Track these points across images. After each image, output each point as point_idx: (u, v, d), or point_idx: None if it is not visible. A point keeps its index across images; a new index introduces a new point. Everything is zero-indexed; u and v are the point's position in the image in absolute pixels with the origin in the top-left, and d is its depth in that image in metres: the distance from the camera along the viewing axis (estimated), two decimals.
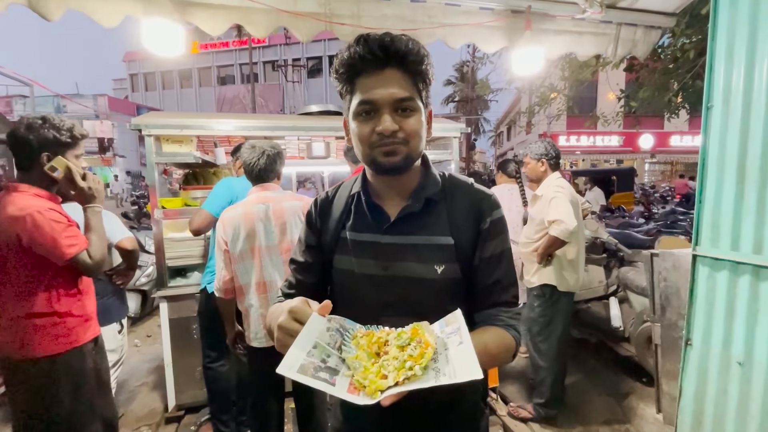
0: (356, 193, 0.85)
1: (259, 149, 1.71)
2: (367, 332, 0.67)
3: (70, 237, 1.34)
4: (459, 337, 0.62)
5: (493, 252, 0.80)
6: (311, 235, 0.89)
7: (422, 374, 0.58)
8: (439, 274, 0.78)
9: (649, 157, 20.76)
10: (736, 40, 1.51)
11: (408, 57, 0.72)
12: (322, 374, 0.59)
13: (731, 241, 1.53)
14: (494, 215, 0.81)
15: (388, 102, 0.72)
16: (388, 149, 0.73)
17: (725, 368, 1.57)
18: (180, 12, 1.63)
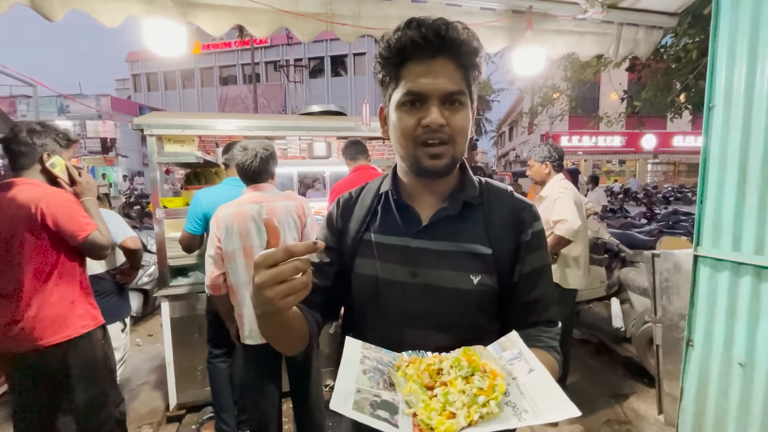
0: (384, 192, 0.79)
1: (251, 150, 1.72)
2: (411, 359, 0.60)
3: (85, 217, 1.51)
4: (526, 364, 0.55)
5: (534, 267, 0.74)
6: (330, 236, 0.83)
7: (499, 411, 0.50)
8: (474, 285, 0.71)
9: (652, 157, 20.70)
10: (737, 40, 1.51)
11: (463, 47, 0.65)
12: (381, 412, 0.50)
13: (732, 241, 1.52)
14: (535, 227, 0.75)
15: (437, 94, 0.65)
16: (435, 151, 0.67)
17: (726, 369, 1.57)
18: (181, 12, 1.64)
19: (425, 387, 0.55)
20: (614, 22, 2.15)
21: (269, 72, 25.79)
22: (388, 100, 0.72)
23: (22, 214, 1.39)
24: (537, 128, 18.98)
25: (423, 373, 0.56)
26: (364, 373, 0.56)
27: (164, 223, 2.41)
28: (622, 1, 2.05)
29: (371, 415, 0.49)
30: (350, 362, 0.57)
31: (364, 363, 0.58)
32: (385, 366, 0.59)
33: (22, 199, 1.40)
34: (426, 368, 0.57)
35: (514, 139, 27.40)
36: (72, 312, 1.49)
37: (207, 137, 2.94)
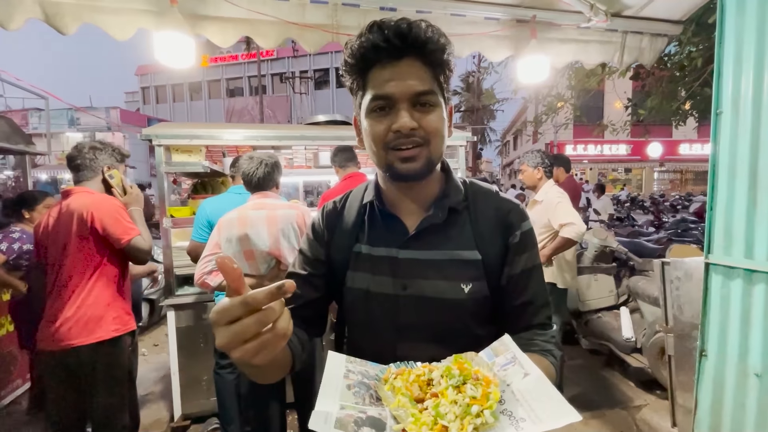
0: (368, 202, 0.76)
1: (257, 160, 1.81)
2: (399, 370, 0.56)
3: (130, 223, 1.65)
4: (521, 368, 0.53)
5: (524, 268, 0.71)
6: (318, 247, 0.79)
7: (494, 421, 0.47)
8: (466, 294, 0.69)
9: (658, 165, 20.57)
10: (744, 46, 1.51)
11: (428, 45, 0.63)
12: (366, 429, 0.47)
13: (745, 248, 1.49)
14: (524, 227, 0.73)
15: (405, 96, 0.63)
16: (407, 154, 0.64)
17: (742, 380, 1.53)
18: (191, 25, 1.67)
19: (415, 400, 0.51)
20: (618, 30, 2.16)
21: (275, 84, 26.18)
22: (359, 107, 0.70)
23: (75, 218, 1.56)
24: (542, 137, 18.99)
25: (412, 385, 0.53)
26: (348, 388, 0.53)
27: (171, 232, 2.43)
28: (626, 9, 2.06)
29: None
30: (333, 377, 0.53)
31: (349, 377, 0.55)
32: (371, 380, 0.56)
33: (76, 205, 1.58)
34: (415, 379, 0.54)
35: (519, 148, 27.41)
36: (106, 315, 1.59)
37: (214, 147, 2.98)
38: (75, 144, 1.75)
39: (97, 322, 1.56)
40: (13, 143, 3.18)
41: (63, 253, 1.57)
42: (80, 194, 1.63)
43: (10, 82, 4.41)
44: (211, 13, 1.71)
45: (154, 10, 1.66)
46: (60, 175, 12.73)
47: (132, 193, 1.76)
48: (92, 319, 1.56)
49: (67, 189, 1.68)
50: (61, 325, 1.53)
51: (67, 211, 1.58)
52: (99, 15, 1.64)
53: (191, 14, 1.68)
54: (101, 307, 1.58)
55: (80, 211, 1.56)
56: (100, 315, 1.58)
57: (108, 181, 1.71)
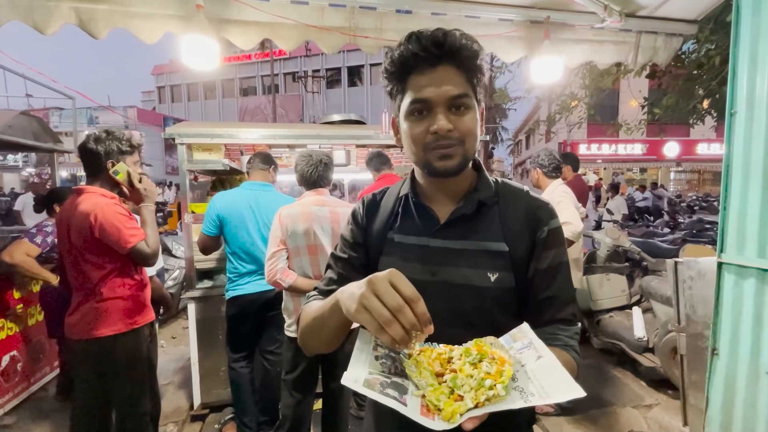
0: (404, 195, 0.82)
1: (316, 158, 1.87)
2: (422, 348, 0.62)
3: (132, 228, 1.58)
4: (535, 352, 0.57)
5: (550, 263, 0.75)
6: (358, 232, 0.86)
7: (505, 394, 0.51)
8: (492, 282, 0.73)
9: (675, 165, 20.13)
10: (759, 46, 1.51)
11: (462, 52, 0.69)
12: (391, 391, 0.53)
13: (758, 248, 1.50)
14: (552, 224, 0.77)
15: (442, 100, 0.69)
16: (444, 152, 0.70)
17: (754, 379, 1.53)
18: (216, 28, 1.75)
19: (435, 374, 0.56)
20: (632, 31, 2.16)
21: (288, 83, 26.42)
22: (398, 110, 0.76)
23: (82, 222, 1.52)
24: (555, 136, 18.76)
25: (434, 362, 0.58)
26: (376, 359, 0.59)
27: (192, 227, 2.51)
28: (640, 9, 2.07)
29: (381, 393, 0.52)
30: (363, 350, 0.59)
31: (377, 350, 0.61)
32: (396, 354, 0.62)
33: (83, 209, 1.53)
34: (437, 357, 0.59)
35: (531, 148, 27.12)
36: (124, 307, 1.61)
37: (232, 145, 3.07)
38: (86, 136, 1.64)
39: (116, 314, 1.59)
40: (43, 141, 3.32)
41: (78, 251, 1.56)
42: (89, 195, 1.57)
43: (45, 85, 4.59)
44: (234, 17, 1.78)
45: (182, 14, 1.74)
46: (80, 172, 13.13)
47: (140, 188, 1.63)
48: (111, 311, 1.58)
49: (79, 188, 1.61)
50: (83, 317, 1.57)
51: (77, 212, 1.54)
52: (130, 20, 1.72)
53: (216, 18, 1.76)
54: (119, 300, 1.60)
55: (85, 214, 1.52)
56: (119, 308, 1.60)
57: (113, 178, 1.60)
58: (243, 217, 2.16)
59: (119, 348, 1.60)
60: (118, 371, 1.62)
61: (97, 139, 1.59)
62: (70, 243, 1.58)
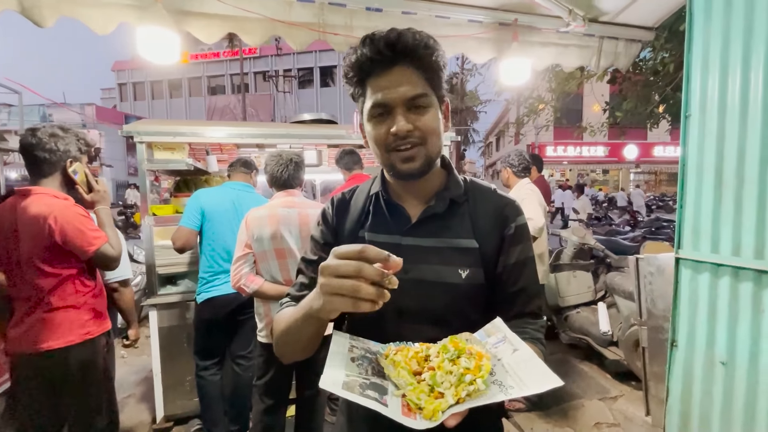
0: (375, 193, 0.82)
1: (285, 158, 1.82)
2: (398, 348, 0.62)
3: (94, 230, 1.47)
4: (510, 345, 0.58)
5: (518, 258, 0.77)
6: (328, 233, 0.85)
7: (485, 389, 0.52)
8: (463, 279, 0.74)
9: (634, 167, 21.25)
10: (710, 52, 1.59)
11: (417, 51, 0.69)
12: (371, 392, 0.52)
13: (711, 244, 1.58)
14: (518, 221, 0.79)
15: (400, 101, 0.69)
16: (406, 155, 0.70)
17: (709, 369, 1.61)
18: (176, 20, 1.66)
19: (413, 373, 0.56)
20: (595, 36, 2.24)
21: (258, 82, 25.86)
22: (361, 113, 0.76)
23: (35, 228, 1.39)
24: (523, 138, 19.36)
25: (411, 361, 0.58)
26: (352, 360, 0.58)
27: (153, 230, 2.38)
28: (602, 15, 2.15)
29: (360, 395, 0.51)
30: (338, 353, 0.58)
31: (353, 352, 0.60)
32: (373, 355, 0.61)
33: (36, 212, 1.38)
34: (414, 356, 0.59)
35: (502, 149, 27.86)
36: (77, 317, 1.49)
37: (197, 145, 2.94)
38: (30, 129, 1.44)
39: (68, 324, 1.47)
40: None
41: (26, 258, 1.42)
42: (40, 197, 1.42)
43: None
44: (195, 9, 1.70)
45: (137, 4, 1.64)
46: None
47: (100, 190, 1.55)
48: (63, 321, 1.46)
49: (25, 189, 1.45)
50: (29, 328, 1.43)
51: (27, 216, 1.39)
52: (79, 8, 1.60)
53: (176, 9, 1.66)
54: (71, 309, 1.48)
55: (39, 219, 1.38)
56: (71, 317, 1.48)
57: (72, 178, 1.47)
58: (227, 214, 2.13)
59: (73, 360, 1.48)
60: (72, 386, 1.50)
61: (54, 135, 1.45)
62: (12, 250, 1.43)
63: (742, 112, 1.48)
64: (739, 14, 1.48)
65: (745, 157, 1.47)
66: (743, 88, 1.48)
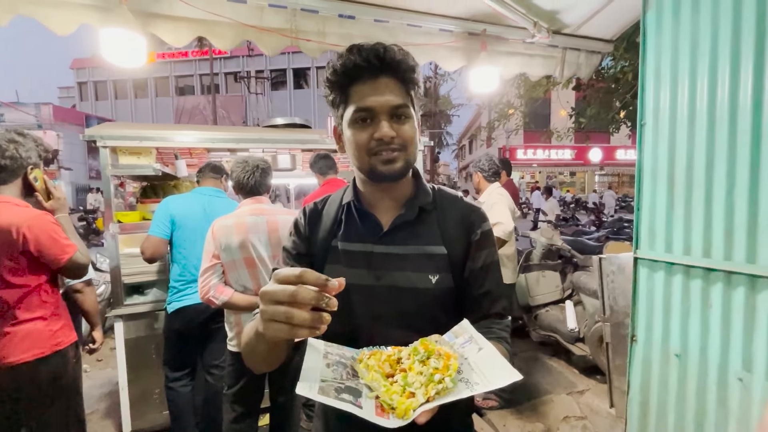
0: (347, 203, 0.84)
1: (252, 164, 1.78)
2: (371, 352, 0.65)
3: (66, 239, 1.45)
4: (476, 345, 0.61)
5: (484, 262, 0.81)
6: (301, 243, 0.86)
7: (453, 386, 0.55)
8: (433, 284, 0.77)
9: (599, 169, 22.22)
10: (662, 64, 1.71)
11: (401, 65, 0.73)
12: (346, 396, 0.55)
13: (665, 244, 1.69)
14: (484, 227, 0.83)
15: (384, 109, 0.72)
16: (389, 157, 0.73)
17: (665, 361, 1.72)
18: (142, 23, 1.61)
19: (386, 376, 0.59)
20: (559, 47, 2.36)
21: (229, 83, 25.25)
22: (340, 118, 0.78)
23: (5, 238, 1.33)
24: (495, 141, 19.88)
25: (384, 364, 0.61)
26: (327, 366, 0.60)
27: (118, 238, 2.29)
28: (565, 27, 2.26)
29: (336, 398, 0.53)
30: (313, 359, 0.60)
31: (327, 358, 0.62)
32: (347, 360, 0.64)
33: (6, 223, 1.32)
34: (386, 359, 0.62)
35: (474, 152, 28.46)
36: (45, 328, 1.43)
37: (165, 148, 2.85)
38: None
39: (36, 335, 1.42)
40: None
41: None
42: (4, 206, 1.36)
43: None
44: (164, 12, 1.65)
45: (100, 5, 1.58)
46: None
47: (58, 197, 1.51)
48: (31, 333, 1.41)
49: None
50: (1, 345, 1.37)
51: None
52: (37, 7, 1.53)
53: (142, 12, 1.62)
54: (39, 321, 1.43)
55: (11, 229, 1.33)
56: (39, 328, 1.43)
57: (32, 185, 1.43)
58: (198, 221, 2.06)
59: (43, 373, 1.42)
60: (42, 400, 1.44)
61: (13, 141, 1.40)
62: None
63: (690, 121, 1.59)
64: (686, 31, 1.60)
65: (693, 163, 1.58)
66: (691, 99, 1.60)
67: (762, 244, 1.37)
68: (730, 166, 1.46)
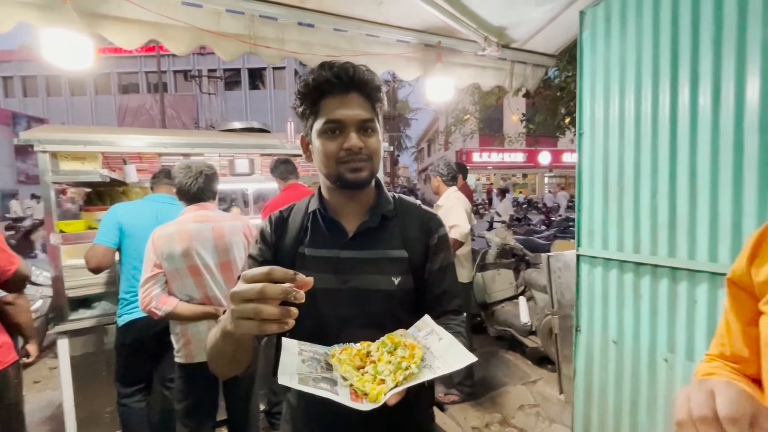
0: (313, 211, 0.88)
1: (195, 169, 1.72)
2: (343, 348, 0.70)
3: (10, 249, 1.40)
4: (437, 336, 0.69)
5: (441, 264, 0.88)
6: (267, 251, 0.88)
7: (418, 372, 0.62)
8: (396, 285, 0.82)
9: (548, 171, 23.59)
10: (596, 80, 1.89)
11: (368, 84, 0.80)
12: (323, 384, 0.60)
13: (602, 242, 1.87)
14: (440, 232, 0.90)
15: (354, 122, 0.78)
16: (356, 166, 0.79)
17: (605, 348, 1.90)
18: (88, 24, 1.53)
19: (357, 368, 0.65)
20: (508, 60, 2.52)
21: (179, 81, 23.96)
22: (310, 129, 0.83)
23: None
24: (452, 145, 20.50)
25: (354, 358, 0.67)
26: (302, 362, 0.64)
27: (61, 249, 2.14)
28: (513, 42, 2.43)
29: (314, 387, 0.59)
30: (289, 355, 0.64)
31: (302, 355, 0.66)
32: (320, 356, 0.69)
33: None
34: (357, 353, 0.68)
35: (433, 155, 29.14)
36: None
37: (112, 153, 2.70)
38: None
39: None
40: None
41: None
42: None
43: None
44: (112, 13, 1.58)
45: (40, 3, 1.48)
46: None
47: None
48: None
49: None
50: None
51: None
52: None
53: (88, 12, 1.54)
54: None
55: None
56: None
57: None
58: (150, 229, 1.95)
59: None
60: None
61: None
62: None
63: (621, 132, 1.78)
64: (616, 51, 1.79)
65: (624, 170, 1.77)
66: (620, 112, 1.79)
67: (680, 240, 1.57)
68: (654, 172, 1.65)
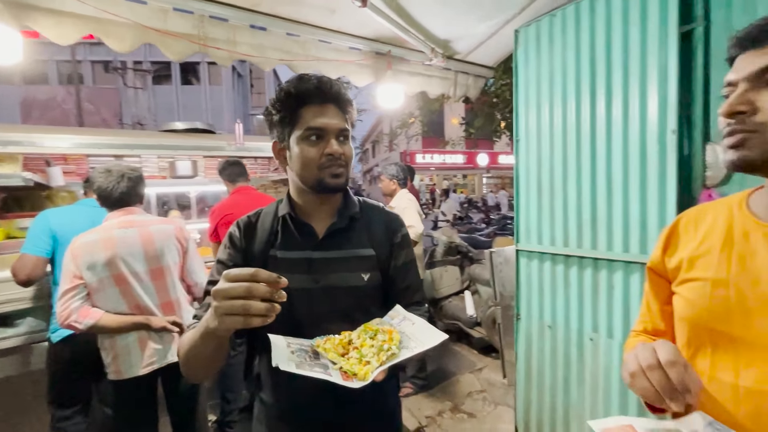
0: (284, 215, 0.92)
1: (117, 173, 1.61)
2: (326, 338, 0.77)
3: None
4: (409, 321, 0.78)
5: (404, 260, 0.96)
6: (236, 255, 0.91)
7: (398, 352, 0.71)
8: (365, 281, 0.89)
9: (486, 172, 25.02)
10: (529, 92, 2.11)
11: (343, 97, 0.87)
12: (317, 369, 0.67)
13: (537, 237, 2.09)
14: (402, 231, 0.99)
15: (334, 130, 0.84)
16: (336, 171, 0.85)
17: (541, 332, 2.12)
18: (15, 15, 1.39)
19: (341, 355, 0.73)
20: (452, 70, 2.70)
21: (98, 73, 21.67)
22: (287, 136, 0.87)
23: None
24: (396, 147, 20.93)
25: (338, 346, 0.74)
26: (292, 353, 0.70)
27: None
28: (456, 54, 2.61)
29: (311, 371, 0.66)
30: (279, 348, 0.69)
31: (290, 347, 0.72)
32: (306, 347, 0.75)
33: None
34: (339, 342, 0.75)
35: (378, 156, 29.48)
36: None
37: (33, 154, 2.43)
38: None
39: None
40: None
41: None
42: None
43: None
44: (43, 5, 1.45)
45: None
46: None
47: None
48: None
49: None
50: None
51: None
52: None
53: (14, 2, 1.40)
54: None
55: None
56: None
57: None
58: None
59: None
60: None
61: None
62: None
63: (550, 140, 2.01)
64: (545, 66, 2.01)
65: (554, 173, 2.00)
66: (550, 122, 2.01)
67: (600, 234, 1.81)
68: (578, 175, 1.89)
